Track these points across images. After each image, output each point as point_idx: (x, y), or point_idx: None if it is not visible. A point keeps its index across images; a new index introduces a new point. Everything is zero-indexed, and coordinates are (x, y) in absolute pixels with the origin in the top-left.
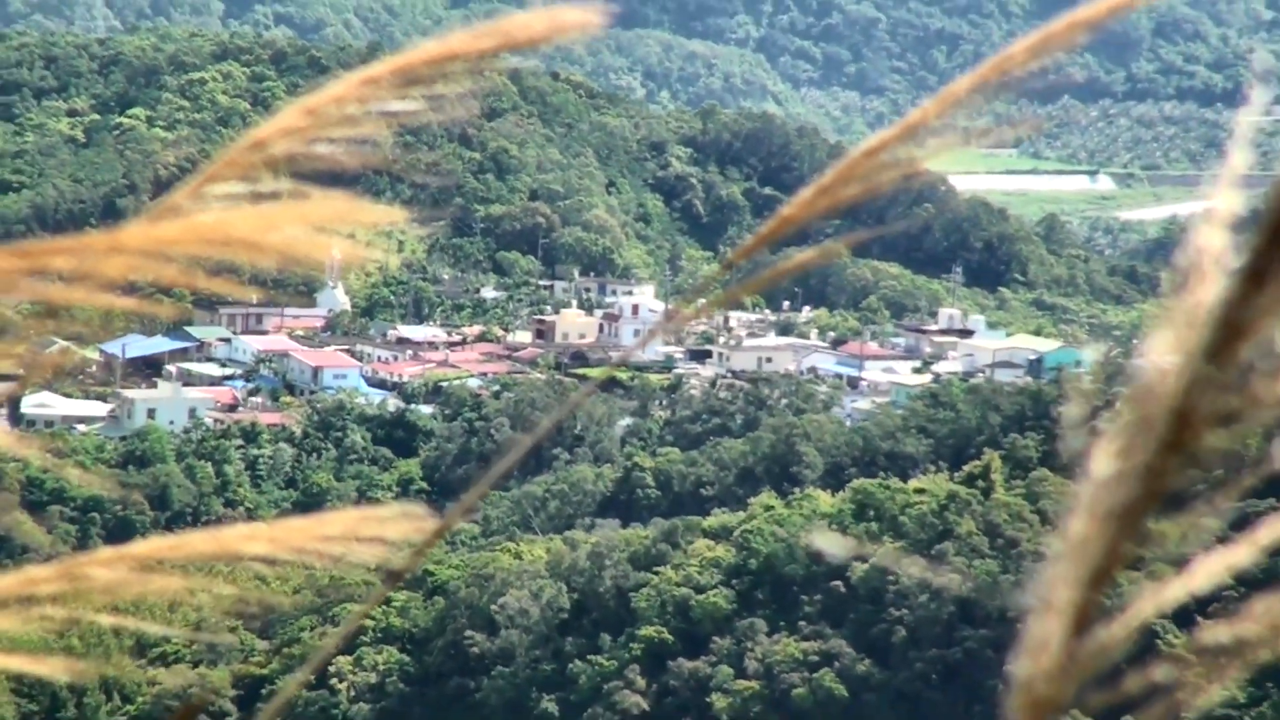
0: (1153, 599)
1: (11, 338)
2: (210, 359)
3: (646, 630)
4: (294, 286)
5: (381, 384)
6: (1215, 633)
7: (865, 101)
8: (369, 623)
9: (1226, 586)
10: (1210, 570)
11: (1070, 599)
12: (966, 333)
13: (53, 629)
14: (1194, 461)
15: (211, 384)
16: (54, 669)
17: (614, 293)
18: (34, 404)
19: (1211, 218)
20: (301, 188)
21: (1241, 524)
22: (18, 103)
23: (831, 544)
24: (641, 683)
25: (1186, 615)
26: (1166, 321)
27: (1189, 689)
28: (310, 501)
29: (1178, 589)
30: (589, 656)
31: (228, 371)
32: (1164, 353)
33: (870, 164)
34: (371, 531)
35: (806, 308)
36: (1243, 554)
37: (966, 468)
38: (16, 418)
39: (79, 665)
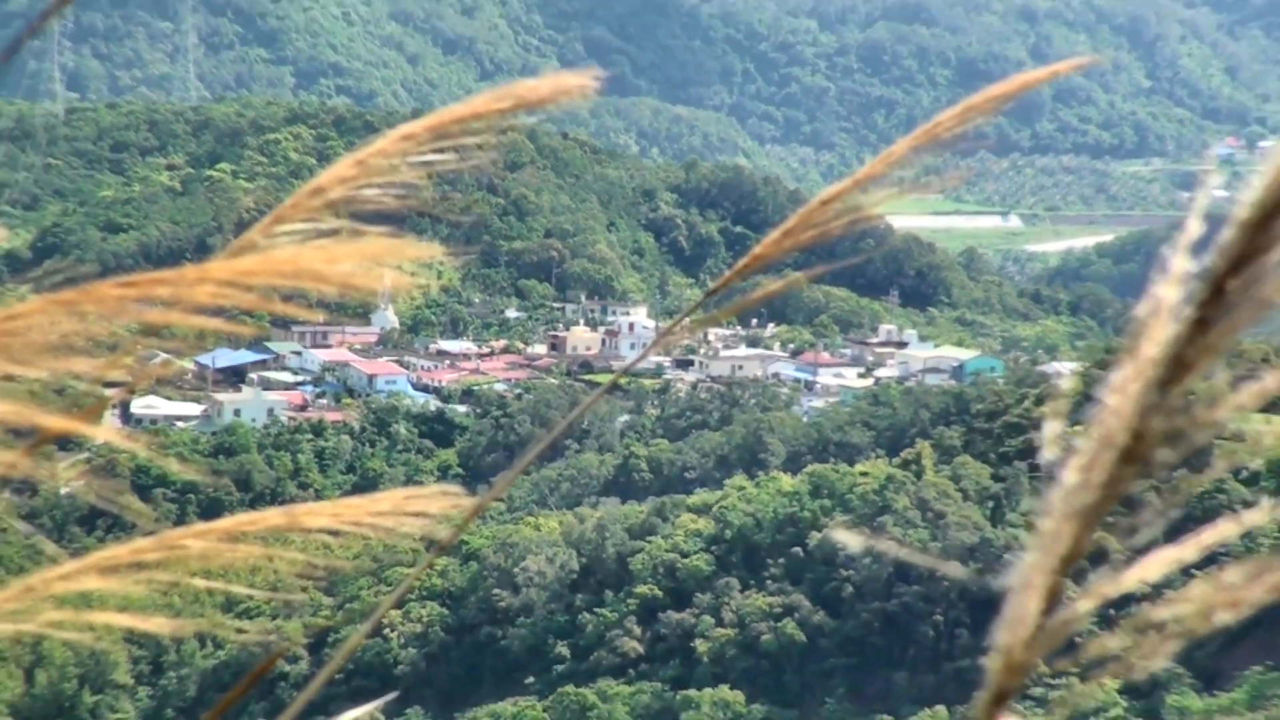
0: (1111, 584)
1: (122, 352)
2: (284, 368)
3: (641, 588)
4: (352, 309)
5: (424, 388)
6: (1158, 610)
7: (818, 155)
8: (414, 583)
9: (1174, 574)
10: (1158, 561)
11: (1042, 583)
12: (901, 344)
13: (157, 590)
14: (1146, 472)
15: (286, 389)
16: (158, 625)
17: (614, 313)
18: (141, 406)
19: (1167, 276)
20: (357, 227)
21: (1189, 523)
22: (126, 159)
23: (848, 539)
24: (637, 631)
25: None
26: (1128, 358)
27: (1138, 656)
28: (366, 484)
29: (1132, 576)
30: (595, 609)
31: (299, 379)
32: (1125, 383)
33: (825, 212)
34: (416, 508)
35: (771, 324)
36: (1188, 550)
37: (902, 454)
38: (127, 417)
39: (178, 621)
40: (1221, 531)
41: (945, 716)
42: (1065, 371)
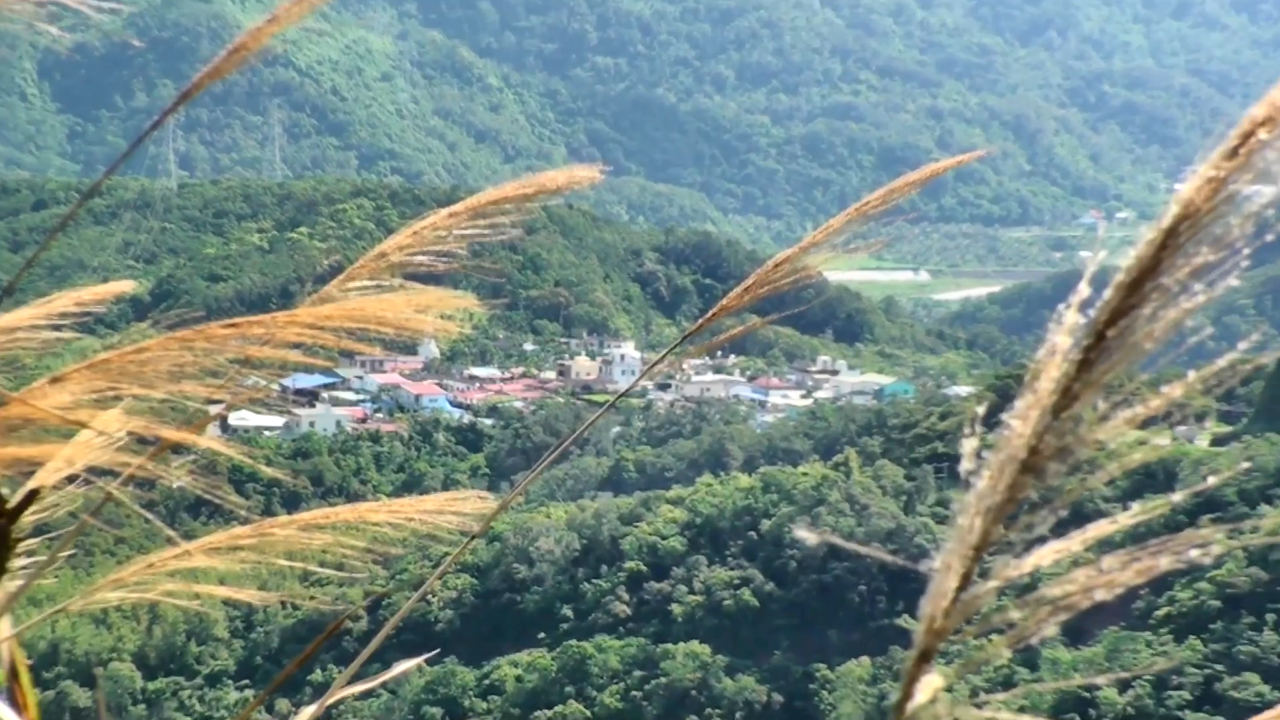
0: (1013, 568)
1: (223, 377)
2: (349, 389)
3: (630, 564)
4: (403, 344)
5: (459, 405)
6: (1050, 589)
7: (770, 223)
8: (453, 562)
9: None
10: (1050, 551)
11: (958, 566)
12: (834, 372)
13: (249, 566)
14: (1041, 481)
15: (350, 406)
16: (249, 595)
17: (608, 347)
18: (236, 419)
19: (1060, 325)
20: (409, 283)
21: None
22: (225, 224)
23: (807, 535)
24: (626, 597)
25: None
26: (1028, 389)
27: (1033, 624)
28: (413, 481)
29: (1029, 562)
30: (592, 580)
31: (360, 398)
32: (1025, 409)
33: (776, 272)
34: (455, 508)
35: (732, 355)
36: (1074, 543)
37: (834, 459)
38: (226, 428)
39: (264, 592)
40: (1100, 528)
41: (868, 664)
42: (963, 394)
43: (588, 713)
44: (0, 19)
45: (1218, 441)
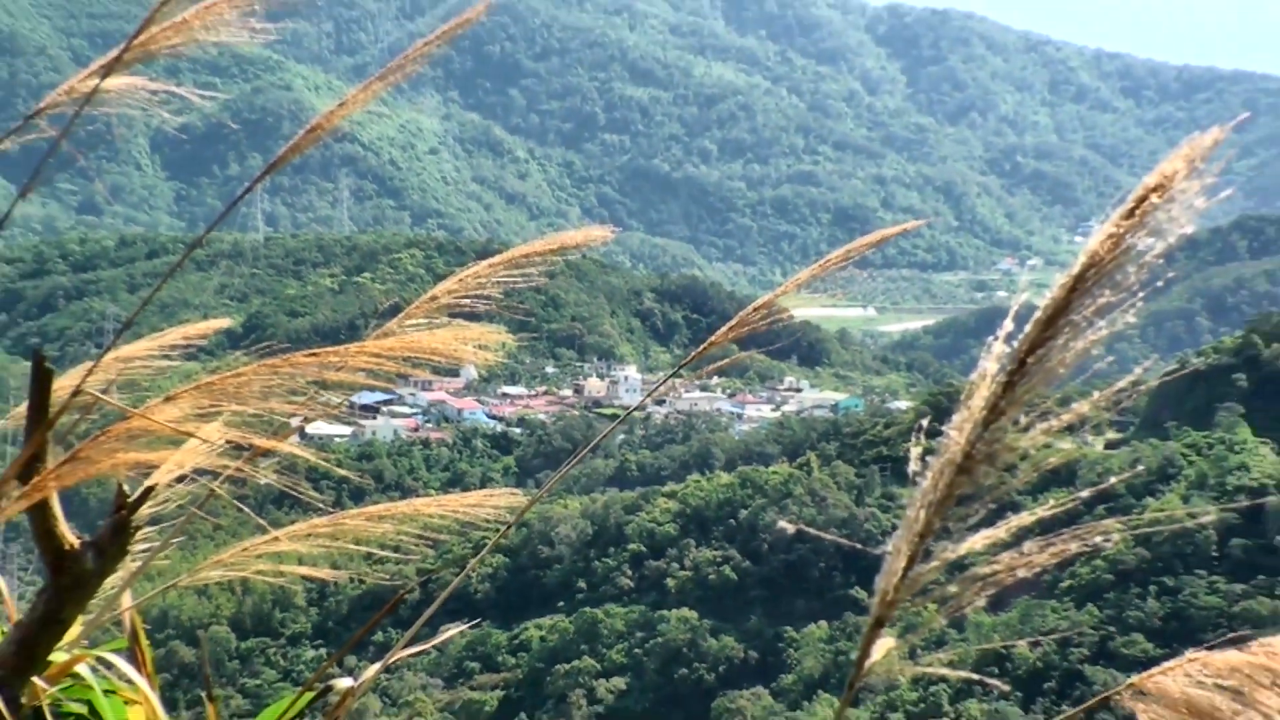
0: (951, 551)
1: (303, 396)
2: (404, 404)
3: (632, 546)
4: (449, 368)
5: (494, 417)
6: (982, 569)
7: (746, 269)
8: (488, 542)
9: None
10: (981, 538)
11: (906, 549)
12: (799, 390)
13: (323, 549)
14: (973, 480)
15: (405, 418)
16: (324, 573)
17: (615, 370)
18: (313, 428)
19: (989, 354)
20: (454, 320)
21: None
22: (303, 270)
23: (785, 525)
24: (629, 573)
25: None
26: (963, 406)
27: (967, 597)
28: (456, 479)
29: (964, 547)
30: (602, 559)
31: (413, 411)
32: (961, 422)
33: (754, 315)
34: (492, 503)
35: (716, 377)
36: (1001, 531)
37: (798, 460)
38: (304, 436)
39: (337, 571)
40: (1020, 519)
41: (825, 628)
42: (903, 407)
43: (598, 666)
44: (122, 104)
45: (1111, 446)
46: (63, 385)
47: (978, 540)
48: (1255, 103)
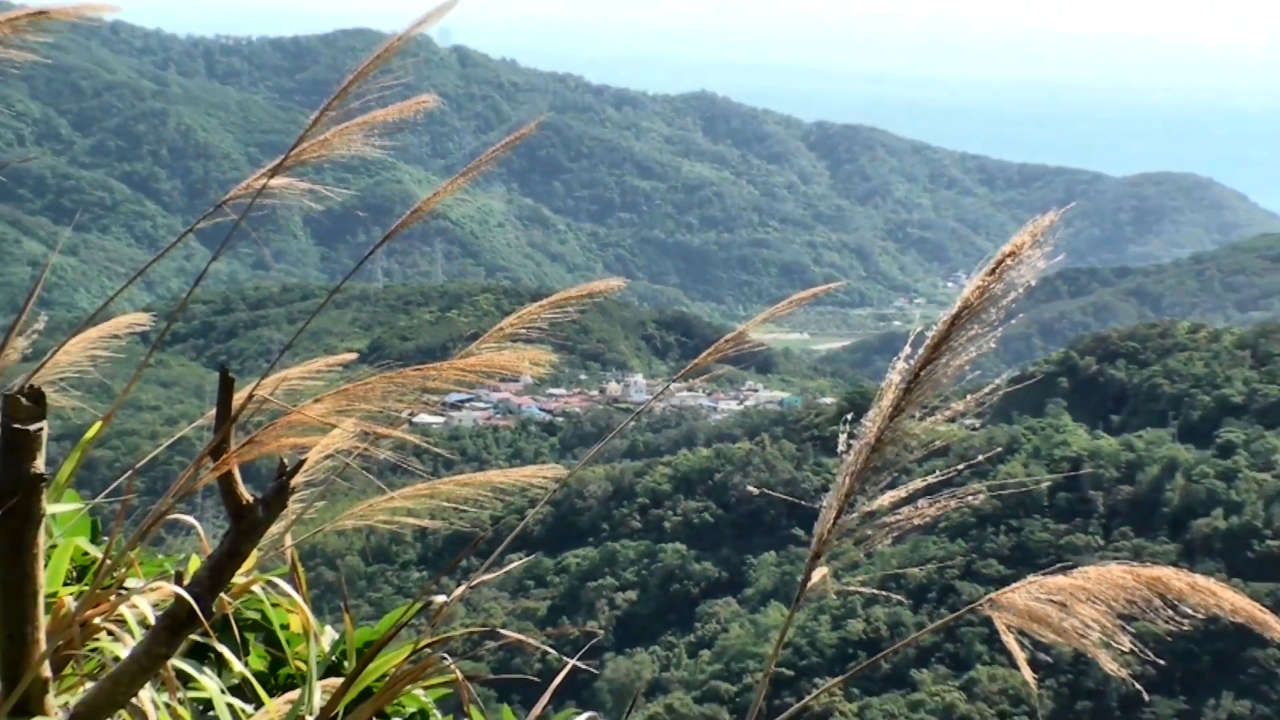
0: (868, 506)
1: (411, 397)
2: (481, 401)
3: (640, 499)
4: (512, 377)
5: (544, 410)
6: (888, 518)
7: (719, 306)
8: (540, 498)
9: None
10: (889, 497)
11: (835, 504)
12: (756, 390)
13: (425, 504)
14: (882, 456)
15: (481, 411)
16: (426, 522)
17: (627, 377)
18: (418, 420)
19: (895, 368)
20: (515, 344)
21: (903, 477)
22: (410, 307)
23: (751, 488)
24: (638, 518)
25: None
26: (875, 404)
27: (879, 538)
28: (516, 454)
29: (876, 503)
30: (618, 509)
31: (486, 406)
32: (874, 416)
33: (727, 345)
34: (545, 474)
35: (699, 383)
36: (901, 492)
37: (756, 439)
38: (412, 424)
39: (434, 519)
40: (914, 484)
41: (774, 556)
42: (828, 402)
43: (616, 583)
44: (283, 195)
45: (975, 430)
46: (242, 391)
47: (885, 498)
48: (1073, 190)
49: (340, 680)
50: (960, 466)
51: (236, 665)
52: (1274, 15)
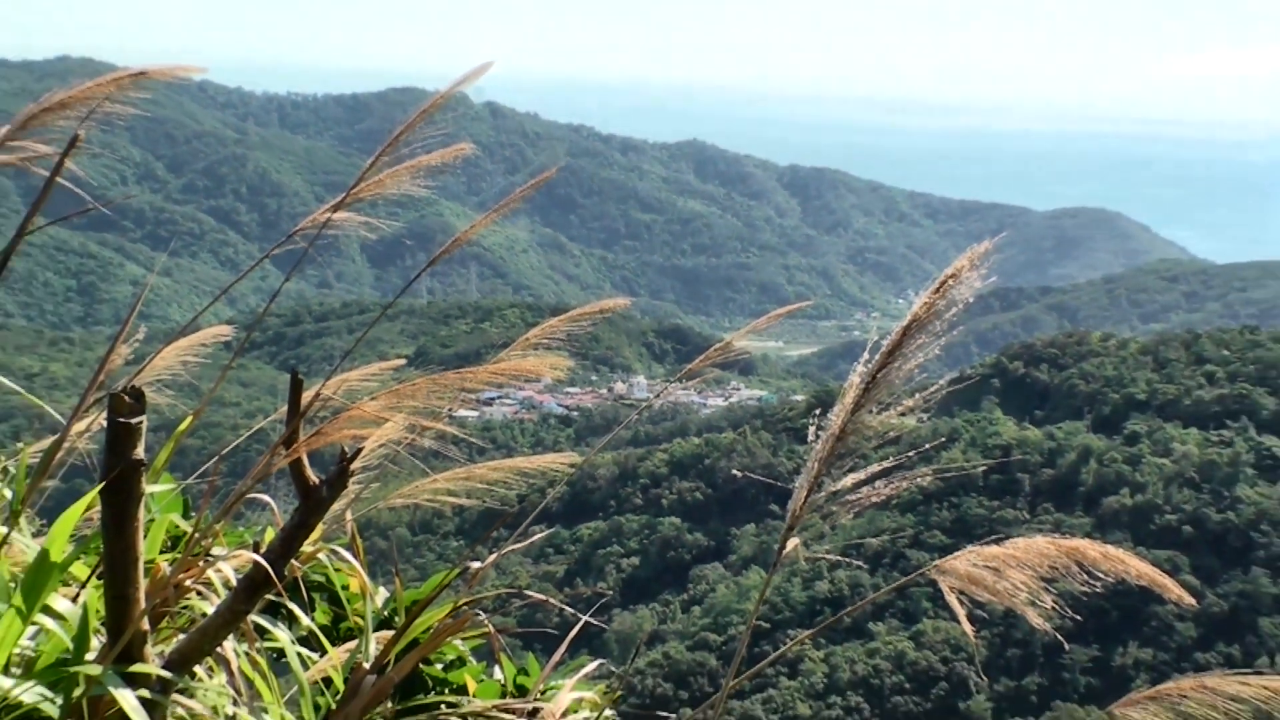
0: (834, 486)
1: (451, 395)
2: (509, 398)
3: (641, 480)
4: (535, 378)
5: (563, 406)
6: (850, 496)
7: (708, 319)
8: (558, 481)
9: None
10: (851, 479)
11: (806, 484)
12: (739, 389)
13: (463, 485)
14: (845, 444)
15: (509, 406)
16: (463, 500)
17: (631, 379)
18: (456, 414)
19: (855, 371)
20: (538, 351)
21: (863, 461)
22: (450, 320)
23: (735, 471)
24: (640, 495)
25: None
26: (839, 401)
27: (841, 513)
28: (540, 443)
29: (841, 484)
30: (624, 488)
31: (513, 402)
32: (839, 410)
33: (715, 353)
34: (562, 460)
35: (692, 383)
36: (862, 475)
37: (739, 430)
38: (451, 417)
39: (470, 498)
40: (873, 468)
41: (754, 529)
42: (799, 399)
43: (622, 550)
44: (344, 227)
45: (922, 422)
46: (309, 391)
47: (847, 480)
48: (1004, 221)
49: (391, 633)
50: (910, 453)
51: (304, 620)
52: (1173, 77)
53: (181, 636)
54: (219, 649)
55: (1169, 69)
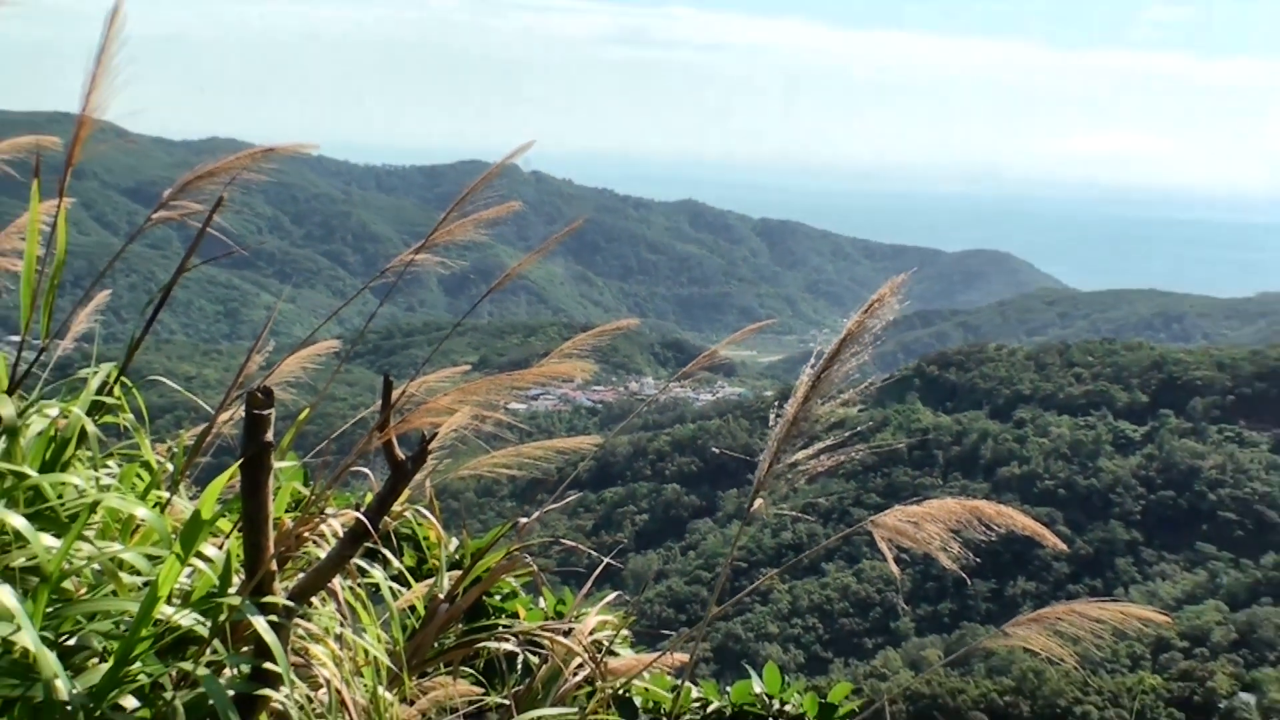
0: (792, 459)
1: (506, 391)
2: (549, 394)
3: (650, 456)
4: (568, 379)
5: (591, 399)
6: (802, 466)
7: (699, 333)
8: (589, 452)
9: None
10: (804, 454)
11: (769, 459)
12: (723, 387)
13: (514, 459)
14: (798, 428)
15: (550, 400)
16: (514, 471)
17: (642, 379)
18: (509, 406)
19: (804, 373)
20: (571, 358)
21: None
22: (505, 335)
23: (718, 450)
24: (650, 468)
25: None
26: (793, 395)
27: (796, 480)
28: (573, 429)
29: (796, 457)
30: (635, 463)
31: (552, 397)
32: (793, 402)
33: (705, 359)
34: (589, 442)
35: (686, 379)
36: (813, 451)
37: (723, 418)
38: (506, 410)
39: (520, 470)
40: (820, 445)
41: (735, 493)
42: (768, 394)
43: (636, 509)
44: (424, 266)
45: (860, 411)
46: (397, 389)
47: (801, 454)
48: (922, 260)
49: (459, 572)
50: (848, 434)
51: (395, 562)
52: (1051, 150)
53: (301, 575)
54: (329, 585)
55: (1047, 146)
